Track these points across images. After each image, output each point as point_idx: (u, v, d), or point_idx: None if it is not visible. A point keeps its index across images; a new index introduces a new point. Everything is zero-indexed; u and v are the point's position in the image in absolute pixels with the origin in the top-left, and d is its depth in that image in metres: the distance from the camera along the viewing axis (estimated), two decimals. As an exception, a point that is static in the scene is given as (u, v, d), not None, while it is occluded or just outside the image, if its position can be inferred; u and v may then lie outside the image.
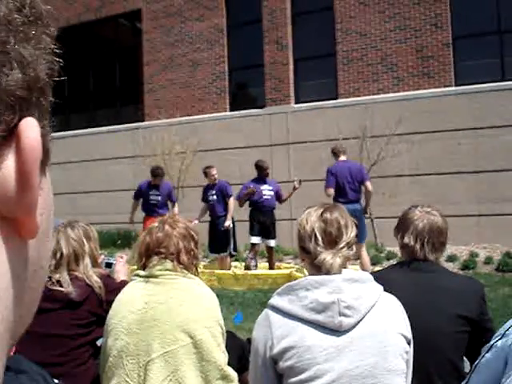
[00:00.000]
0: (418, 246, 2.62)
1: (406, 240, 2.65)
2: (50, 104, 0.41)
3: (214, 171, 9.56)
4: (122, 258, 3.60)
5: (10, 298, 0.37)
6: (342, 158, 8.59)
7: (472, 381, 1.91)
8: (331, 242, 2.02)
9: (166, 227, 2.59)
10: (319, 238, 2.02)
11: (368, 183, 8.48)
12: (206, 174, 9.67)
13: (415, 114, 11.23)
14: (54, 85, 0.41)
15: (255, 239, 9.24)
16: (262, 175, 9.39)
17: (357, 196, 8.40)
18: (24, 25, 0.36)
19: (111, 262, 3.58)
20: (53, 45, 0.40)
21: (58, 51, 0.41)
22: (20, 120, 0.36)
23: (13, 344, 0.39)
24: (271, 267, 9.38)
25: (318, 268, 2.00)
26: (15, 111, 0.36)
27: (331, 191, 8.24)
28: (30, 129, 0.36)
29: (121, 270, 3.52)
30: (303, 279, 1.99)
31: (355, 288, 1.94)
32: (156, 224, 2.64)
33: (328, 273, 1.96)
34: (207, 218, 9.85)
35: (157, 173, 9.51)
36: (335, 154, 8.65)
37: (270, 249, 9.47)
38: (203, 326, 2.38)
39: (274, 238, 9.39)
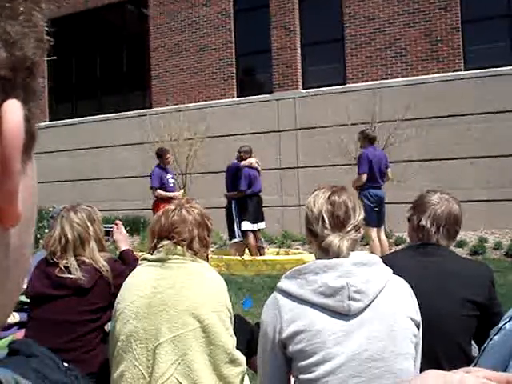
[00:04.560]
0: (433, 230, 2.62)
1: (423, 222, 2.64)
2: (38, 85, 0.38)
3: None
4: (116, 224, 3.55)
5: None
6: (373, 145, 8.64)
7: (480, 363, 1.91)
8: (339, 224, 2.01)
9: (183, 212, 2.56)
10: (326, 221, 2.01)
11: (389, 170, 8.63)
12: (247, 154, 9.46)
13: (424, 99, 11.15)
14: (43, 65, 0.38)
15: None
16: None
17: (383, 182, 8.53)
18: (12, 0, 0.34)
19: (108, 229, 3.51)
20: (44, 22, 0.37)
21: (48, 29, 0.38)
22: (3, 102, 0.34)
23: None
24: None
25: (325, 251, 1.99)
26: None
27: (365, 177, 8.27)
28: (13, 112, 0.34)
29: (120, 239, 3.49)
30: (312, 263, 1.98)
31: (364, 271, 1.93)
32: (173, 207, 2.62)
33: (336, 256, 1.96)
34: (218, 203, 9.84)
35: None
36: (370, 139, 8.59)
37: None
38: (211, 311, 2.38)
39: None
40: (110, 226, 3.61)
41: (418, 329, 2.02)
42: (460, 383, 0.58)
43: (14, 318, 3.43)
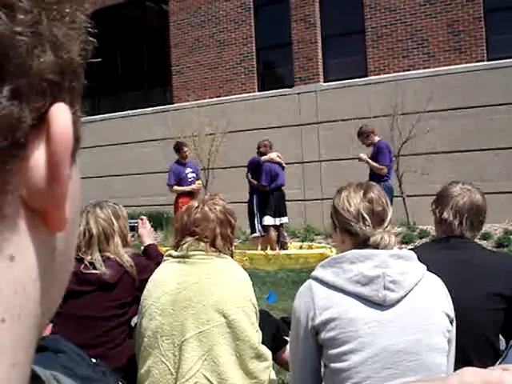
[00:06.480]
0: (456, 222, 2.59)
1: (445, 215, 2.61)
2: (83, 88, 0.38)
3: None
4: (142, 219, 3.58)
5: (38, 291, 0.35)
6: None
7: (509, 357, 1.89)
8: (379, 221, 2.02)
9: (206, 209, 2.55)
10: (367, 219, 2.00)
11: None
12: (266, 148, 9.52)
13: (447, 90, 11.03)
14: (86, 67, 0.38)
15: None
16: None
17: None
18: (58, 2, 0.33)
19: (133, 224, 3.54)
20: (87, 23, 0.37)
21: (92, 30, 0.37)
22: (51, 106, 0.33)
23: (39, 338, 0.38)
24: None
25: (366, 248, 1.99)
26: (46, 97, 0.33)
27: (386, 170, 8.34)
28: (61, 116, 0.33)
29: (144, 234, 3.52)
30: (348, 252, 1.97)
31: (400, 264, 1.93)
32: (195, 204, 2.61)
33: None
34: (240, 198, 9.86)
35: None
36: (373, 131, 8.67)
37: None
38: (236, 306, 2.38)
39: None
40: (134, 220, 3.63)
41: (452, 324, 2.01)
42: (499, 382, 0.57)
43: None
